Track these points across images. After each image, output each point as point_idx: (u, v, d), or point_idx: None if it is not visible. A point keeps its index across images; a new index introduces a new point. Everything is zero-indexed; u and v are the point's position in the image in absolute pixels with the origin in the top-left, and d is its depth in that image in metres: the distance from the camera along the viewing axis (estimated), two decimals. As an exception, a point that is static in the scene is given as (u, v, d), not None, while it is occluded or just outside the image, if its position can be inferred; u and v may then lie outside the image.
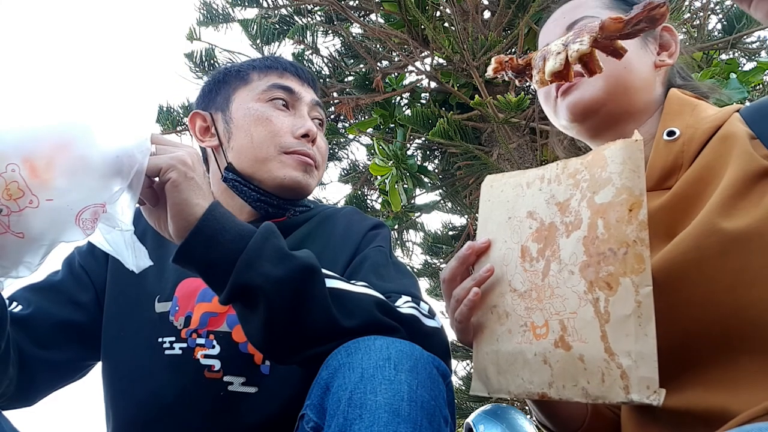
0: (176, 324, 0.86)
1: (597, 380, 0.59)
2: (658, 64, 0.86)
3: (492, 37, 3.10)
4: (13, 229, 0.59)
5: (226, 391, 0.82)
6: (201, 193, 0.70)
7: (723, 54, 3.43)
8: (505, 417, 2.46)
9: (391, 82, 3.86)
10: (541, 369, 0.65)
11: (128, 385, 0.87)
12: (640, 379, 0.56)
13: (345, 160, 4.69)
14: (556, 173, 0.71)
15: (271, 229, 0.72)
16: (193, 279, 0.89)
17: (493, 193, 0.79)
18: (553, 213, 0.68)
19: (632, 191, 0.61)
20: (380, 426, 0.57)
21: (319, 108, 1.07)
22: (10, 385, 0.82)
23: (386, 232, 0.99)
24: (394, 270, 0.90)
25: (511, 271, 0.71)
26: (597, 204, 0.63)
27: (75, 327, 0.90)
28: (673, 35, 0.89)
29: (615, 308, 0.59)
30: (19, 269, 0.63)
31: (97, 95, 0.66)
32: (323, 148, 1.04)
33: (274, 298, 0.67)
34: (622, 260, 0.59)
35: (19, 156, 0.58)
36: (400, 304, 0.79)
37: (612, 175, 0.63)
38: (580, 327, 0.61)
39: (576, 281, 0.63)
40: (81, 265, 0.95)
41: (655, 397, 0.55)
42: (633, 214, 0.60)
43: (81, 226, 0.63)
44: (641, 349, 0.56)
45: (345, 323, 0.70)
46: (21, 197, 0.58)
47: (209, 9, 3.90)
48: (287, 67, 1.06)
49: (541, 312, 0.66)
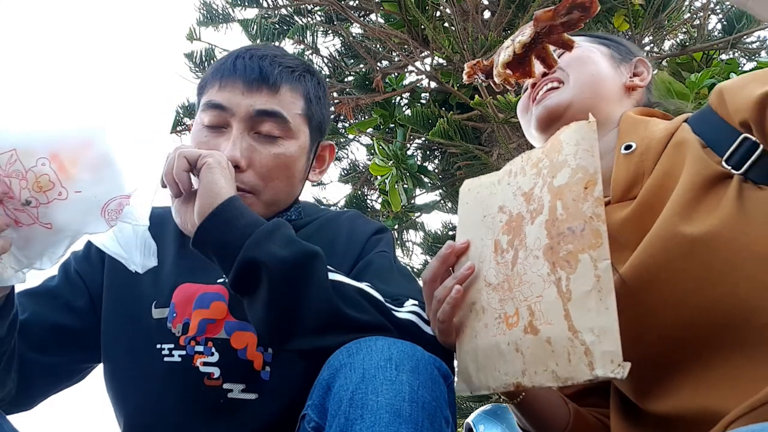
0: (174, 331, 0.86)
1: (564, 361, 0.59)
2: (628, 84, 0.94)
3: (492, 37, 3.10)
4: (41, 220, 0.63)
5: (226, 398, 0.82)
6: (230, 183, 0.78)
7: (723, 54, 3.43)
8: (505, 417, 2.48)
9: (391, 82, 3.86)
10: (514, 358, 0.65)
11: (128, 391, 0.88)
12: (603, 354, 0.55)
13: (345, 160, 4.69)
14: (521, 165, 0.72)
15: (282, 222, 0.77)
16: (190, 285, 0.88)
17: (470, 196, 0.80)
18: (520, 203, 0.70)
19: (587, 170, 0.62)
20: (381, 426, 0.57)
21: (266, 117, 0.87)
22: (12, 388, 0.82)
23: (389, 237, 0.99)
24: (399, 274, 0.90)
25: (486, 267, 0.72)
26: (555, 187, 0.65)
27: (70, 332, 0.90)
28: (646, 67, 0.97)
29: (576, 285, 0.59)
30: (42, 260, 0.67)
31: (115, 96, 0.71)
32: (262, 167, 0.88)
33: (277, 275, 0.70)
34: (580, 237, 0.60)
35: (47, 151, 0.61)
36: (407, 305, 0.79)
37: (567, 157, 0.65)
38: (546, 309, 0.62)
39: (540, 265, 0.63)
40: (76, 270, 0.94)
41: (619, 371, 0.54)
42: (588, 191, 0.61)
43: (106, 217, 0.66)
44: (603, 324, 0.56)
45: (347, 311, 0.70)
46: (51, 189, 0.61)
47: (209, 9, 3.90)
48: (229, 72, 0.89)
49: (512, 301, 0.66)
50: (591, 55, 0.92)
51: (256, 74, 0.88)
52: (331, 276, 0.74)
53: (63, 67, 0.75)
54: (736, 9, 3.28)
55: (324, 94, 1.00)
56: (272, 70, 0.89)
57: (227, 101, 0.88)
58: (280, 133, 0.89)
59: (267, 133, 0.88)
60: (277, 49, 0.97)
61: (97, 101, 0.68)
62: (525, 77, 0.82)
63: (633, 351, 0.71)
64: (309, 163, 0.99)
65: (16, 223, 0.62)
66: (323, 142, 1.03)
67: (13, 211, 0.62)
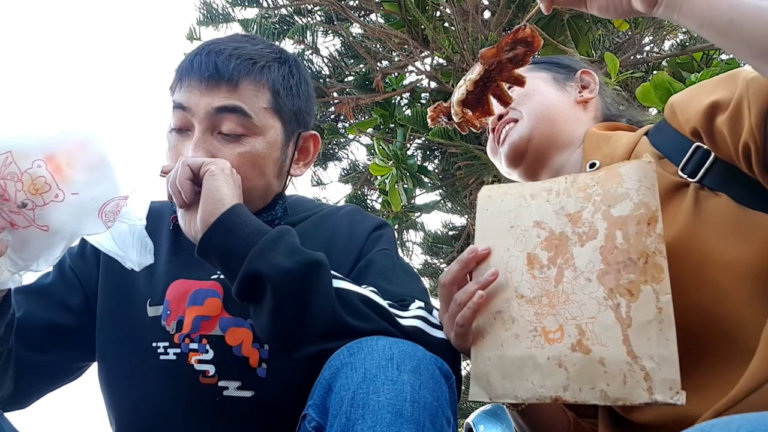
0: (168, 329, 0.85)
1: (618, 382, 0.61)
2: (579, 100, 0.98)
3: (492, 37, 3.09)
4: (37, 222, 0.63)
5: (222, 396, 0.82)
6: (233, 190, 0.77)
7: (723, 54, 3.43)
8: (505, 417, 2.47)
9: (391, 82, 3.86)
10: (554, 372, 0.67)
11: (123, 390, 0.87)
12: (662, 381, 0.59)
13: (345, 160, 4.69)
14: (565, 186, 0.75)
15: (287, 229, 0.77)
16: (183, 281, 0.88)
17: (491, 203, 0.81)
18: (564, 223, 0.72)
19: (649, 206, 0.66)
20: (383, 426, 0.57)
21: (227, 113, 0.84)
22: (9, 387, 0.82)
23: (390, 233, 0.97)
24: (403, 273, 0.89)
25: (516, 278, 0.74)
26: (614, 216, 0.67)
27: (65, 330, 0.89)
28: (591, 76, 1.02)
29: (637, 314, 0.62)
30: (39, 262, 0.66)
31: (112, 97, 0.70)
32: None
33: (280, 287, 0.70)
34: (642, 269, 0.63)
35: (43, 153, 0.61)
36: (412, 309, 0.79)
37: (629, 191, 0.67)
38: (600, 331, 0.64)
39: (594, 288, 0.66)
40: (71, 267, 0.94)
41: (678, 398, 0.58)
42: (651, 227, 0.65)
43: (103, 219, 0.66)
44: (663, 353, 0.60)
45: (350, 321, 0.70)
46: (47, 191, 0.61)
47: (209, 9, 3.89)
48: (187, 71, 0.87)
49: (555, 317, 0.68)
50: (534, 87, 0.96)
51: (212, 71, 0.85)
52: (335, 283, 0.74)
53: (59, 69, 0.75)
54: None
55: (300, 82, 0.94)
56: (228, 65, 0.85)
57: (187, 101, 0.86)
58: (243, 130, 0.86)
59: (230, 131, 0.85)
60: (242, 40, 0.92)
61: (93, 102, 0.68)
62: (485, 116, 0.87)
63: None
64: (288, 156, 0.95)
65: (12, 225, 0.62)
66: (305, 133, 0.98)
67: (9, 214, 0.61)
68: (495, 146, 1.00)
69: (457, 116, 0.86)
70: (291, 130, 0.94)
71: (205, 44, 0.92)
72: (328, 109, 4.26)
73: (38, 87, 0.68)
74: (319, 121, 4.19)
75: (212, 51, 0.88)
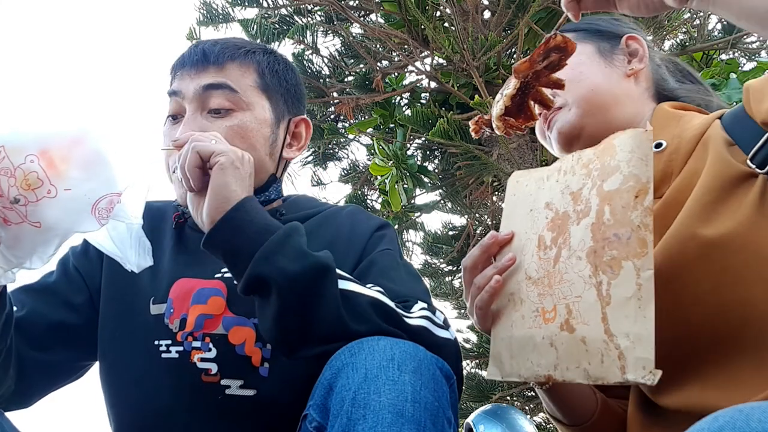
0: (171, 327, 0.85)
1: (597, 361, 0.60)
2: (629, 73, 0.90)
3: (492, 37, 3.10)
4: (30, 218, 0.61)
5: (224, 394, 0.82)
6: (242, 184, 0.76)
7: (723, 54, 3.43)
8: (505, 417, 2.48)
9: (391, 82, 3.86)
10: (548, 352, 0.67)
11: (125, 389, 0.87)
12: (636, 360, 0.57)
13: (345, 160, 4.69)
14: (571, 164, 0.73)
15: (295, 227, 0.75)
16: (187, 280, 0.87)
17: (518, 188, 0.81)
18: (567, 202, 0.70)
19: (639, 178, 0.63)
20: (384, 426, 0.57)
21: (214, 90, 0.88)
22: (10, 386, 0.82)
23: (392, 233, 0.97)
24: (406, 273, 0.88)
25: (527, 260, 0.73)
26: (605, 191, 0.65)
27: (69, 329, 0.89)
28: (638, 42, 0.92)
29: (616, 291, 0.60)
30: (32, 260, 0.65)
31: (111, 93, 0.69)
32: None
33: (286, 292, 0.69)
34: (625, 244, 0.61)
35: (36, 148, 0.60)
36: (415, 310, 0.79)
37: (620, 163, 0.65)
38: (584, 310, 0.63)
39: (582, 266, 0.65)
40: (75, 266, 0.94)
41: (650, 377, 0.56)
42: (639, 200, 0.62)
43: (96, 216, 0.65)
44: (639, 331, 0.58)
45: (353, 326, 0.70)
46: (39, 187, 0.60)
47: (209, 9, 3.90)
48: (179, 64, 0.93)
49: (551, 297, 0.68)
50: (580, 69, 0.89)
51: (200, 56, 0.91)
52: (343, 285, 0.73)
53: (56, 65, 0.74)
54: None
55: (286, 70, 0.99)
56: (214, 50, 0.91)
57: (178, 87, 0.91)
58: (231, 104, 0.89)
59: (218, 106, 0.88)
60: (232, 38, 0.98)
61: (89, 98, 0.67)
62: (528, 121, 0.84)
63: None
64: (280, 137, 0.97)
65: (5, 221, 0.61)
66: (296, 117, 1.01)
67: (2, 209, 0.60)
68: (544, 129, 0.94)
69: (499, 130, 0.85)
70: (280, 112, 0.97)
71: (198, 41, 0.98)
72: (328, 109, 4.26)
73: (34, 81, 0.67)
74: (319, 121, 4.19)
75: (200, 43, 0.95)
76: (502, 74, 3.58)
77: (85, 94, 0.67)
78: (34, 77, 2.21)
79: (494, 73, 3.56)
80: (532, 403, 4.73)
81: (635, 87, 0.90)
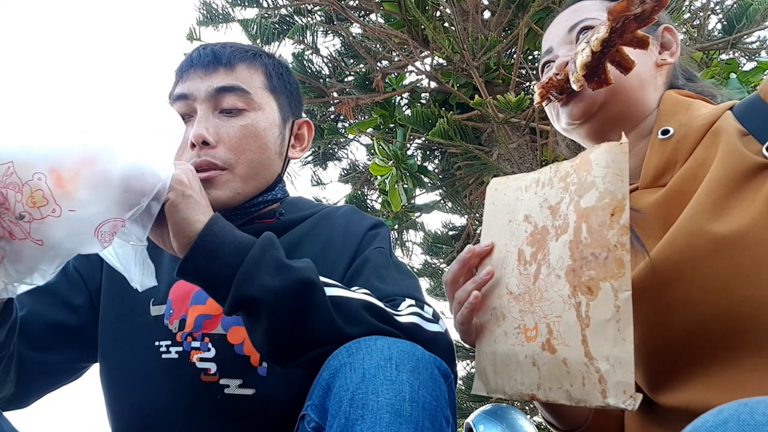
0: (171, 327, 0.85)
1: (578, 383, 0.60)
2: (659, 63, 0.87)
3: (492, 37, 3.10)
4: (33, 236, 0.60)
5: (223, 394, 0.82)
6: (199, 208, 0.71)
7: (723, 54, 3.43)
8: (505, 417, 2.48)
9: (391, 82, 3.86)
10: (530, 371, 0.66)
11: (125, 389, 0.87)
12: (616, 384, 0.56)
13: (345, 160, 4.70)
14: (549, 176, 0.71)
15: (269, 240, 0.72)
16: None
17: (497, 197, 0.79)
18: (546, 216, 0.69)
19: (615, 195, 0.61)
20: (382, 426, 0.57)
21: (227, 92, 0.89)
22: (11, 388, 0.82)
23: (386, 232, 0.98)
24: (396, 271, 0.89)
25: (508, 274, 0.72)
26: (582, 208, 0.64)
27: (69, 330, 0.89)
28: (674, 35, 0.89)
29: (595, 312, 0.59)
30: (33, 276, 0.64)
31: (124, 114, 0.68)
32: (231, 140, 0.88)
33: (275, 308, 0.68)
34: (603, 264, 0.60)
35: (46, 166, 0.59)
36: (403, 307, 0.79)
37: (596, 179, 0.63)
38: (564, 330, 0.62)
39: (561, 285, 0.63)
40: (75, 267, 0.94)
41: (630, 402, 0.55)
42: (615, 218, 0.60)
43: (99, 239, 0.63)
44: (619, 354, 0.57)
45: (347, 330, 0.70)
46: (45, 205, 0.59)
47: (209, 9, 3.90)
48: (187, 65, 0.93)
49: (532, 315, 0.67)
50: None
51: (210, 57, 0.91)
52: (330, 292, 0.72)
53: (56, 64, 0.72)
54: (736, 9, 3.28)
55: (287, 73, 1.02)
56: (224, 52, 0.92)
57: (188, 89, 0.90)
58: (243, 105, 0.90)
59: (231, 107, 0.89)
60: (234, 42, 1.00)
61: (103, 117, 0.64)
62: (601, 85, 0.78)
63: (649, 343, 0.71)
64: (285, 139, 0.98)
65: (10, 235, 0.60)
66: (299, 119, 1.03)
67: (9, 224, 0.60)
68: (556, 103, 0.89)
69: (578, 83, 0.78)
70: (286, 114, 0.99)
71: (202, 45, 0.98)
72: (328, 109, 4.27)
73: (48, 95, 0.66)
74: (319, 121, 4.20)
75: (208, 45, 0.95)
76: (502, 74, 3.58)
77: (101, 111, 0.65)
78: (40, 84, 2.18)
79: (494, 73, 3.56)
80: (532, 403, 4.73)
81: (658, 78, 0.87)
